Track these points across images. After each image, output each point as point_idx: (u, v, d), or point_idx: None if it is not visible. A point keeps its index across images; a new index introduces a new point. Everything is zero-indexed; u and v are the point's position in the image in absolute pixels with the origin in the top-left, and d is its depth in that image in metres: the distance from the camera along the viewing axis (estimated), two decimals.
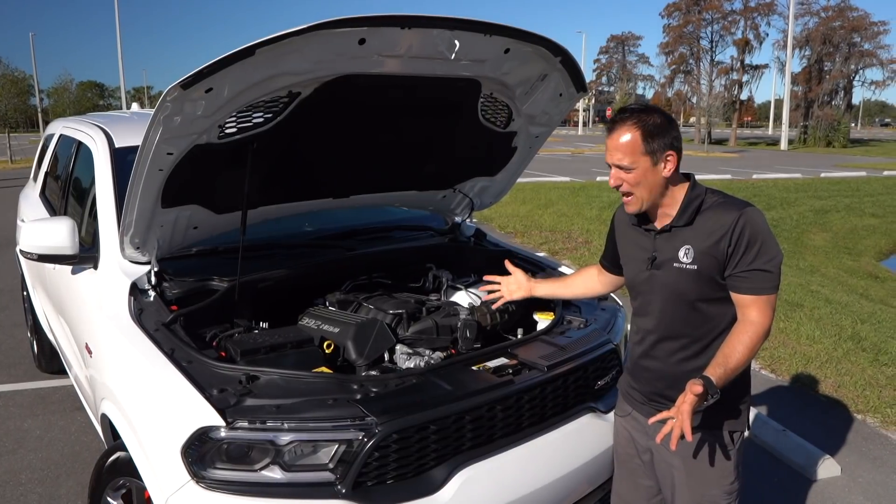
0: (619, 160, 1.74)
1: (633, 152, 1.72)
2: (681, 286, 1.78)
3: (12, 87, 28.15)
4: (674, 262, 1.78)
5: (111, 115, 4.11)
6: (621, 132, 1.73)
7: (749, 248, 1.70)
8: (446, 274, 2.96)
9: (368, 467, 1.75)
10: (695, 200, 1.78)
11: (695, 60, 48.68)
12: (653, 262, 1.83)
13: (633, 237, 1.93)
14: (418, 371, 2.04)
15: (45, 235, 2.57)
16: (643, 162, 1.72)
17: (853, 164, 26.23)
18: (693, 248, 1.75)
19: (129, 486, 2.10)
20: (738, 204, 1.75)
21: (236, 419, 1.72)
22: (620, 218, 2.00)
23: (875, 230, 11.45)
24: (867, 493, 3.08)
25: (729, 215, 1.72)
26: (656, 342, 1.87)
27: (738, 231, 1.70)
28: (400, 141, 2.58)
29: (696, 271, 1.75)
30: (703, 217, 1.76)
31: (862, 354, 4.63)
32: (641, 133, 1.71)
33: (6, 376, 4.35)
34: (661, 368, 1.88)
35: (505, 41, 2.15)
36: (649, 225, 1.86)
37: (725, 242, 1.71)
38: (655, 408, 1.87)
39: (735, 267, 1.72)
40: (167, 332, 2.07)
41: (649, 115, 1.73)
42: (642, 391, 1.95)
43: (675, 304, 1.80)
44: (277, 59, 1.84)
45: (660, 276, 1.82)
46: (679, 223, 1.79)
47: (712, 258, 1.73)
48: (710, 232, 1.74)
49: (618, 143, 1.73)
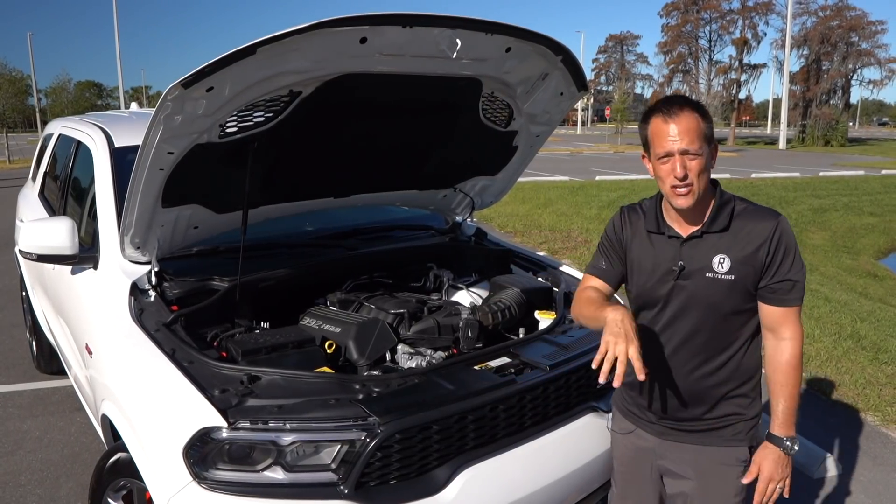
0: (688, 145, 1.59)
1: (700, 137, 1.60)
2: (714, 297, 1.66)
3: (10, 87, 28.08)
4: (706, 271, 1.66)
5: (110, 115, 4.10)
6: (686, 115, 1.60)
7: (785, 257, 1.63)
8: (447, 273, 2.96)
9: (371, 467, 1.75)
10: (727, 205, 1.68)
11: (693, 60, 48.74)
12: (680, 272, 1.68)
13: (649, 245, 1.76)
14: (420, 371, 2.03)
15: (45, 235, 2.56)
16: (705, 148, 1.62)
17: (851, 163, 26.26)
18: (729, 257, 1.64)
19: (130, 487, 2.09)
20: (771, 211, 1.68)
21: (238, 419, 1.71)
22: (628, 223, 1.82)
23: (873, 229, 11.46)
24: (868, 492, 3.08)
25: (767, 222, 1.64)
26: (678, 356, 1.74)
27: (777, 239, 1.62)
28: (401, 140, 2.57)
29: (731, 282, 1.64)
30: (738, 223, 1.66)
31: (861, 353, 4.64)
32: (702, 117, 1.62)
33: (5, 377, 4.34)
34: (678, 385, 1.75)
35: (506, 40, 2.14)
36: (672, 231, 1.71)
37: (764, 251, 1.62)
38: (668, 426, 1.80)
39: (771, 277, 1.64)
40: (168, 333, 2.06)
41: (696, 101, 1.67)
42: (653, 409, 1.82)
43: (705, 317, 1.69)
44: (278, 57, 1.84)
45: (688, 288, 1.68)
46: (712, 229, 1.66)
47: (750, 268, 1.64)
48: (747, 239, 1.64)
49: (687, 126, 1.59)
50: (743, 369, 1.73)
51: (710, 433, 1.76)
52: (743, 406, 1.75)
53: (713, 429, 1.75)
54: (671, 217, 1.73)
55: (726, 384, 1.73)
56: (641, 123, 1.71)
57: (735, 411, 1.74)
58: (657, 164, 1.64)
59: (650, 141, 1.66)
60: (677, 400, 1.76)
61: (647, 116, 1.69)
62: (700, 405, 1.74)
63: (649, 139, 1.66)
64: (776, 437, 1.68)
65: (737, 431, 1.75)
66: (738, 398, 1.74)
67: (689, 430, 1.77)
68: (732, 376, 1.73)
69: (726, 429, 1.75)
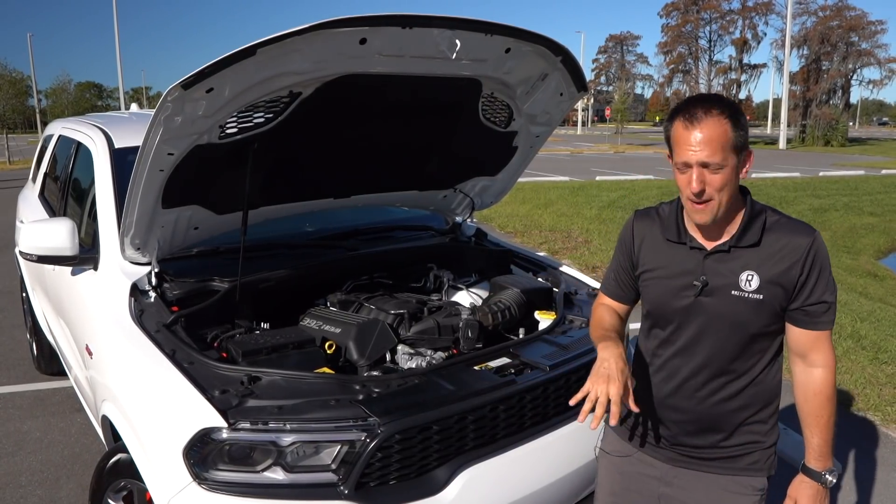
0: (708, 157, 1.41)
1: (725, 147, 1.42)
2: (741, 317, 1.51)
3: (10, 88, 28.11)
4: (732, 289, 1.50)
5: (110, 116, 4.10)
6: (711, 122, 1.41)
7: (820, 277, 1.48)
8: (447, 274, 2.96)
9: (371, 468, 1.75)
10: (758, 217, 1.52)
11: (693, 60, 48.77)
12: (703, 287, 1.52)
13: (667, 254, 1.60)
14: (420, 371, 2.04)
15: (45, 236, 2.57)
16: (732, 160, 1.43)
17: (851, 163, 26.26)
18: (758, 275, 1.49)
19: (130, 487, 2.09)
20: (805, 226, 1.52)
21: (238, 420, 1.71)
22: (644, 231, 1.65)
23: (874, 229, 11.46)
24: (868, 492, 3.08)
25: (801, 238, 1.48)
26: (695, 378, 1.59)
27: (812, 258, 1.47)
28: (401, 141, 2.57)
29: (760, 301, 1.49)
30: (769, 238, 1.50)
31: (861, 353, 4.64)
32: (732, 124, 1.42)
33: (5, 378, 4.34)
34: (696, 409, 1.61)
35: (506, 41, 2.15)
36: (695, 242, 1.55)
37: (797, 270, 1.47)
38: (680, 453, 1.66)
39: (805, 299, 1.49)
40: (168, 333, 2.06)
41: (734, 105, 1.45)
42: (665, 433, 1.67)
43: (728, 338, 1.54)
44: (278, 58, 1.84)
45: (711, 305, 1.53)
46: (741, 243, 1.50)
47: (780, 287, 1.49)
48: (779, 256, 1.48)
49: (710, 135, 1.41)
50: (763, 394, 1.60)
51: (726, 461, 1.63)
52: (761, 433, 1.62)
53: (730, 457, 1.62)
54: (693, 226, 1.56)
55: (746, 409, 1.60)
56: (666, 122, 1.55)
57: (753, 439, 1.62)
58: (676, 173, 1.50)
59: (672, 144, 1.50)
60: (693, 425, 1.62)
61: (672, 115, 1.51)
62: (717, 432, 1.61)
63: (672, 142, 1.50)
64: (813, 470, 1.56)
65: (754, 461, 1.62)
66: (756, 424, 1.61)
67: (703, 458, 1.64)
68: (753, 401, 1.60)
69: (743, 457, 1.62)
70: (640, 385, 1.67)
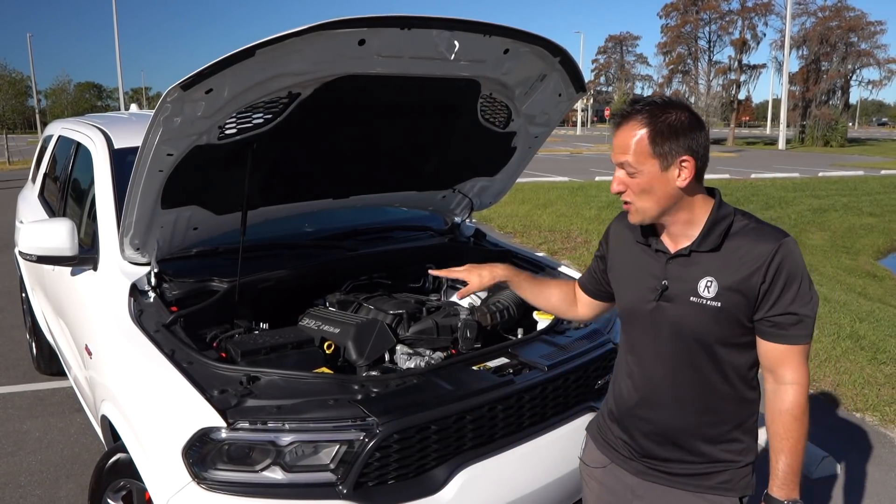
0: (621, 159, 1.45)
1: (638, 152, 1.42)
2: (698, 326, 1.46)
3: (10, 88, 28.09)
4: (690, 295, 1.46)
5: (110, 116, 4.11)
6: (628, 126, 1.44)
7: (787, 287, 1.40)
8: None
9: (369, 468, 1.75)
10: (722, 221, 1.46)
11: (693, 60, 48.79)
12: (663, 292, 1.49)
13: (635, 256, 1.59)
14: (419, 371, 2.04)
15: (45, 237, 2.57)
16: (650, 165, 1.42)
17: (851, 164, 26.27)
18: (717, 281, 1.43)
19: (129, 487, 2.09)
20: (775, 232, 1.44)
21: (237, 420, 1.72)
22: (619, 231, 1.67)
23: (873, 229, 11.47)
24: (867, 492, 3.09)
25: (765, 245, 1.41)
26: (658, 389, 1.55)
27: (776, 265, 1.39)
28: (399, 141, 2.58)
29: (718, 309, 1.43)
30: (732, 243, 1.45)
31: (860, 353, 4.64)
32: (650, 132, 1.41)
33: (5, 378, 4.34)
34: (662, 420, 1.55)
35: (504, 41, 2.15)
36: (660, 245, 1.53)
37: (759, 278, 1.40)
38: (648, 465, 1.60)
39: (769, 309, 1.41)
40: (167, 333, 2.07)
41: (666, 111, 1.42)
42: (633, 445, 1.62)
43: (688, 347, 1.49)
44: (277, 59, 1.84)
45: (670, 311, 1.49)
46: (701, 248, 1.46)
47: (740, 296, 1.42)
48: (740, 263, 1.42)
49: (624, 138, 1.43)
50: (735, 411, 1.52)
51: (694, 478, 1.55)
52: (735, 452, 1.53)
53: (698, 474, 1.54)
54: (662, 229, 1.54)
55: (715, 426, 1.52)
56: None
57: (725, 457, 1.53)
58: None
59: None
60: (659, 437, 1.57)
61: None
62: (684, 446, 1.54)
63: None
64: (775, 499, 1.44)
65: (725, 480, 1.53)
66: (728, 442, 1.53)
67: (671, 473, 1.57)
68: (722, 417, 1.51)
69: (713, 475, 1.54)
70: (615, 394, 1.68)
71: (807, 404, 1.43)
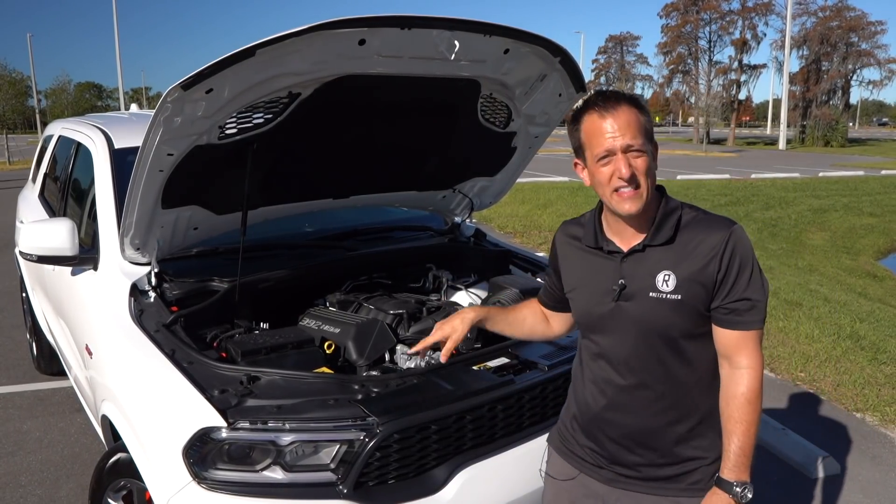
0: (631, 139, 1.40)
1: (641, 132, 1.42)
2: (660, 320, 1.45)
3: (10, 88, 28.07)
4: (650, 290, 1.45)
5: (110, 116, 4.11)
6: (624, 109, 1.41)
7: (741, 273, 1.42)
8: (446, 274, 2.96)
9: (370, 467, 1.75)
10: (672, 214, 1.47)
11: (693, 60, 48.79)
12: (621, 291, 1.47)
13: (587, 262, 1.56)
14: (419, 371, 2.04)
15: (45, 237, 2.57)
16: (649, 147, 1.43)
17: (851, 164, 26.28)
18: (675, 274, 1.43)
19: (130, 487, 2.10)
20: (724, 220, 1.47)
21: (237, 420, 1.72)
22: (566, 240, 1.64)
23: (873, 229, 11.48)
24: (866, 492, 3.08)
25: (717, 233, 1.43)
26: (626, 391, 1.52)
27: (730, 253, 1.41)
28: (400, 141, 2.58)
29: (678, 302, 1.43)
30: (684, 235, 1.45)
31: (861, 353, 4.64)
32: (640, 111, 1.43)
33: (5, 378, 4.34)
34: (631, 423, 1.52)
35: (504, 41, 2.15)
36: (612, 246, 1.51)
37: (715, 266, 1.41)
38: (618, 472, 1.57)
39: (725, 297, 1.42)
40: (168, 333, 2.07)
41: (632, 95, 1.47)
42: (602, 452, 1.58)
43: (652, 343, 1.47)
44: (278, 59, 1.84)
45: (631, 310, 1.47)
46: (655, 242, 1.46)
47: (699, 286, 1.42)
48: (695, 253, 1.43)
49: (627, 119, 1.40)
50: (700, 405, 1.51)
51: (666, 482, 1.53)
52: (703, 448, 1.52)
53: (669, 477, 1.53)
54: (611, 230, 1.53)
55: (682, 422, 1.51)
56: (571, 125, 1.50)
57: (694, 455, 1.52)
58: (596, 168, 1.45)
59: (585, 142, 1.46)
60: (629, 441, 1.54)
61: (578, 116, 1.48)
62: (655, 448, 1.52)
63: (583, 140, 1.47)
64: (726, 481, 1.43)
65: (696, 480, 1.52)
66: (695, 439, 1.52)
67: (642, 478, 1.55)
68: (689, 413, 1.51)
69: (684, 476, 1.52)
70: (578, 402, 1.63)
71: (760, 388, 1.44)
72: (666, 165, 22.46)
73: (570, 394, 1.70)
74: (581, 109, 1.47)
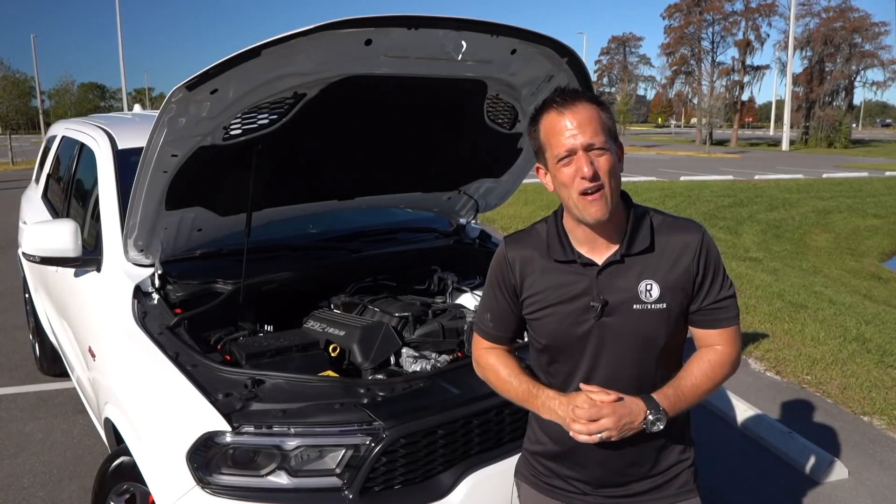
0: (591, 137, 1.31)
1: (603, 130, 1.34)
2: (649, 332, 1.38)
3: (13, 89, 28.19)
4: (633, 302, 1.37)
5: (113, 117, 4.10)
6: (584, 105, 1.34)
7: (716, 275, 1.40)
8: (451, 276, 2.95)
9: (376, 472, 1.74)
10: (643, 219, 1.41)
11: (696, 61, 48.75)
12: (603, 307, 1.37)
13: (558, 278, 1.42)
14: (425, 374, 2.03)
15: (48, 238, 2.56)
16: (611, 145, 1.35)
17: (855, 165, 26.22)
18: (656, 282, 1.37)
19: (133, 490, 2.08)
20: (690, 222, 1.44)
21: (242, 424, 1.70)
22: (525, 255, 1.46)
23: (878, 231, 11.44)
24: (875, 496, 3.06)
25: (690, 236, 1.40)
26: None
27: (705, 256, 1.39)
28: (405, 142, 2.56)
29: (663, 311, 1.37)
30: (661, 240, 1.40)
31: (867, 356, 4.61)
32: (601, 108, 1.35)
33: (8, 379, 4.34)
34: (620, 443, 1.39)
35: (511, 42, 2.13)
36: (584, 258, 1.40)
37: (693, 270, 1.38)
38: (607, 495, 1.50)
39: (704, 299, 1.40)
40: (171, 336, 2.06)
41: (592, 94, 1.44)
42: (588, 479, 1.50)
43: (642, 358, 1.40)
44: (283, 59, 1.83)
45: (615, 325, 1.38)
46: (633, 250, 1.38)
47: (681, 291, 1.39)
48: (674, 259, 1.38)
49: (587, 116, 1.32)
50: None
51: (656, 491, 1.49)
52: (684, 451, 1.50)
53: (660, 485, 1.49)
54: (579, 240, 1.41)
55: (665, 430, 1.41)
56: (530, 127, 1.42)
57: (678, 459, 1.49)
58: (557, 170, 1.35)
59: (544, 143, 1.37)
60: (620, 462, 1.45)
61: (536, 116, 1.39)
62: (643, 462, 1.47)
63: (543, 141, 1.37)
64: (651, 399, 1.36)
65: (684, 482, 1.50)
66: (677, 444, 1.50)
67: (633, 495, 1.49)
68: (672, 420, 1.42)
69: (673, 482, 1.49)
70: (550, 433, 1.50)
71: (726, 367, 1.43)
72: (669, 166, 22.44)
73: (534, 425, 1.57)
74: (539, 109, 1.39)
